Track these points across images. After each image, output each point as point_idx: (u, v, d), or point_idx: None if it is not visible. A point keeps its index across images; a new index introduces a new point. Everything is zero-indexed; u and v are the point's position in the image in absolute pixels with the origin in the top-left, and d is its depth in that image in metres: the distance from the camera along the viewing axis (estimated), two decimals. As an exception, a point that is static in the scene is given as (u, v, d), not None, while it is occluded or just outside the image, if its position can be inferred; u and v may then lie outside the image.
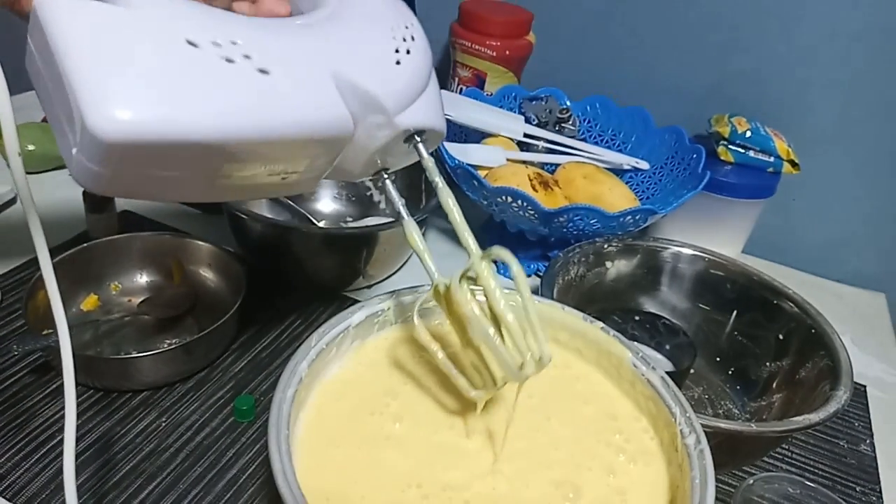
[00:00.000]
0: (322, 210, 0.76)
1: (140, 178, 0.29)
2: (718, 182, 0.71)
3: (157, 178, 0.29)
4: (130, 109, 0.26)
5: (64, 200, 0.72)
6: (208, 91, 0.28)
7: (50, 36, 0.26)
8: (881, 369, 0.68)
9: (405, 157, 0.39)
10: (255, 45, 0.30)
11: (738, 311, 0.59)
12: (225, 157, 0.30)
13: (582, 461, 0.37)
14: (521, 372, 0.34)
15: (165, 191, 0.31)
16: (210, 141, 0.28)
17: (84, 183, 0.28)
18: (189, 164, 0.29)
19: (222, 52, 0.29)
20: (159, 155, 0.28)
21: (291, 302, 0.64)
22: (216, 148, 0.29)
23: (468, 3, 0.82)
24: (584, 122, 0.82)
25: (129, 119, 0.26)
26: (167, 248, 0.62)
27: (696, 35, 0.79)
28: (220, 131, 0.28)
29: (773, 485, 0.43)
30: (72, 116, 0.26)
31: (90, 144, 0.26)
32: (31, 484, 0.44)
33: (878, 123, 0.75)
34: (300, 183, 0.35)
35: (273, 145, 0.31)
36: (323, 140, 0.33)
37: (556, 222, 0.64)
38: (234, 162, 0.30)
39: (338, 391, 0.39)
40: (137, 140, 0.26)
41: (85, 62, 0.26)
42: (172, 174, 0.30)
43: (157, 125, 0.26)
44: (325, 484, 0.34)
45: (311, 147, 0.33)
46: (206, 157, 0.29)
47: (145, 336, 0.57)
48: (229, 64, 0.29)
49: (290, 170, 0.34)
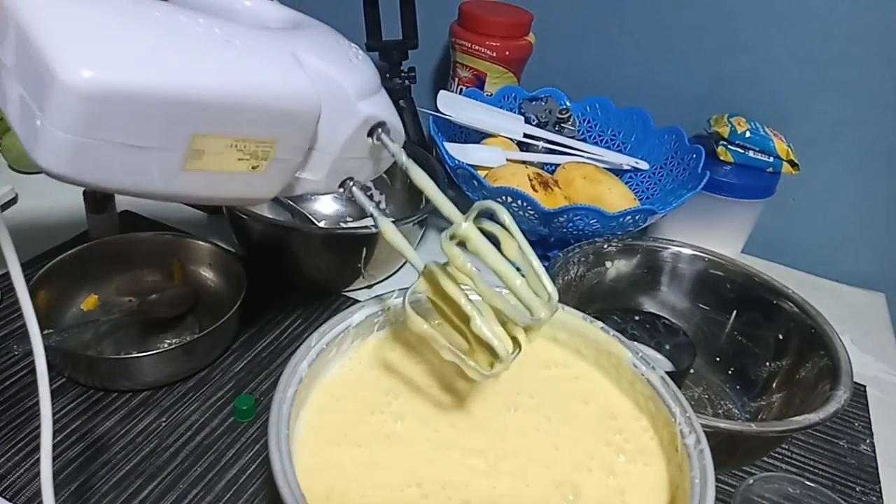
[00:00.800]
0: (322, 210, 0.76)
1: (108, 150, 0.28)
2: (718, 182, 0.72)
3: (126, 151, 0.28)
4: (102, 61, 0.26)
5: (64, 200, 0.72)
6: (179, 49, 0.29)
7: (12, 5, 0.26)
8: (880, 369, 0.68)
9: (369, 164, 0.40)
10: (220, 24, 0.31)
11: (738, 311, 0.59)
12: (193, 120, 0.29)
13: (581, 461, 0.37)
14: (535, 316, 0.34)
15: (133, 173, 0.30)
16: (179, 96, 0.28)
17: (48, 161, 0.27)
18: (158, 129, 0.29)
19: (187, 21, 0.30)
20: (128, 114, 0.27)
21: (291, 302, 0.64)
22: (185, 106, 0.29)
23: (468, 4, 0.82)
24: (583, 122, 0.82)
25: (101, 70, 0.26)
26: (168, 248, 0.62)
27: (695, 35, 0.79)
28: (190, 86, 0.28)
29: (773, 485, 0.43)
30: (38, 84, 0.26)
31: (62, 102, 0.26)
32: (31, 484, 0.44)
33: (876, 123, 0.75)
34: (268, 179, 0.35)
35: (240, 109, 0.31)
36: (290, 111, 0.33)
37: (555, 222, 0.64)
38: (203, 131, 0.30)
39: (338, 391, 0.39)
40: (109, 91, 0.26)
41: (53, 22, 0.26)
42: (141, 144, 0.29)
43: (129, 77, 0.27)
44: (325, 484, 0.34)
45: (279, 119, 0.33)
46: (174, 120, 0.29)
47: (145, 336, 0.57)
48: (196, 30, 0.30)
49: (260, 153, 0.33)
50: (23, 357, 0.53)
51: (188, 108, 0.29)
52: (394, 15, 0.80)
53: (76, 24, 0.27)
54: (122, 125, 0.27)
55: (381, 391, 0.40)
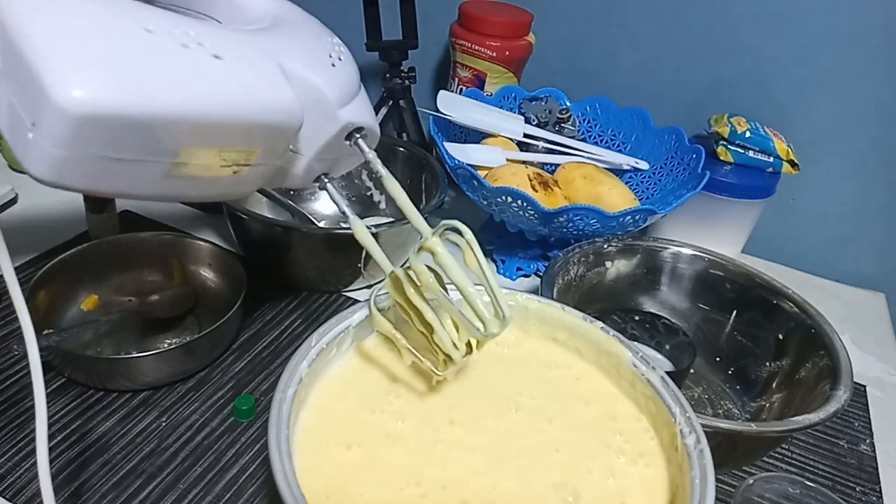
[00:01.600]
0: (322, 210, 0.76)
1: (97, 162, 0.28)
2: (718, 182, 0.72)
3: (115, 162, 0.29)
4: (95, 84, 0.26)
5: (65, 200, 0.72)
6: (168, 70, 0.29)
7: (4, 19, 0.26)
8: (881, 369, 0.68)
9: (344, 162, 0.42)
10: (207, 37, 0.31)
11: (738, 311, 0.59)
12: (182, 137, 0.30)
13: (582, 463, 0.37)
14: (487, 331, 0.37)
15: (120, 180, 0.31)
16: (170, 116, 0.29)
17: (39, 171, 0.27)
18: (148, 145, 0.29)
19: (177, 39, 0.30)
20: (120, 133, 0.28)
21: (291, 302, 0.64)
22: (175, 125, 0.29)
23: (468, 4, 0.82)
24: (583, 122, 0.82)
25: (93, 93, 0.26)
26: (168, 248, 0.62)
27: (694, 35, 0.80)
28: (181, 107, 0.29)
29: (773, 485, 0.43)
30: (30, 99, 0.26)
31: (54, 122, 0.26)
32: (31, 484, 0.44)
33: (876, 123, 0.75)
34: (248, 180, 0.36)
35: (229, 126, 0.31)
36: (275, 125, 0.34)
37: (555, 222, 0.64)
38: (191, 145, 0.31)
39: (338, 391, 0.39)
40: (102, 113, 0.26)
41: (46, 40, 0.26)
42: (130, 157, 0.29)
43: (121, 99, 0.27)
44: (325, 483, 0.34)
45: (264, 132, 0.34)
46: (164, 138, 0.29)
47: (145, 336, 0.57)
48: (184, 49, 0.30)
49: (242, 160, 0.34)
50: (23, 357, 0.53)
51: (178, 128, 0.29)
52: (394, 15, 0.80)
53: (68, 39, 0.27)
54: (113, 142, 0.28)
55: (382, 391, 0.40)
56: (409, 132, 0.85)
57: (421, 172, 0.73)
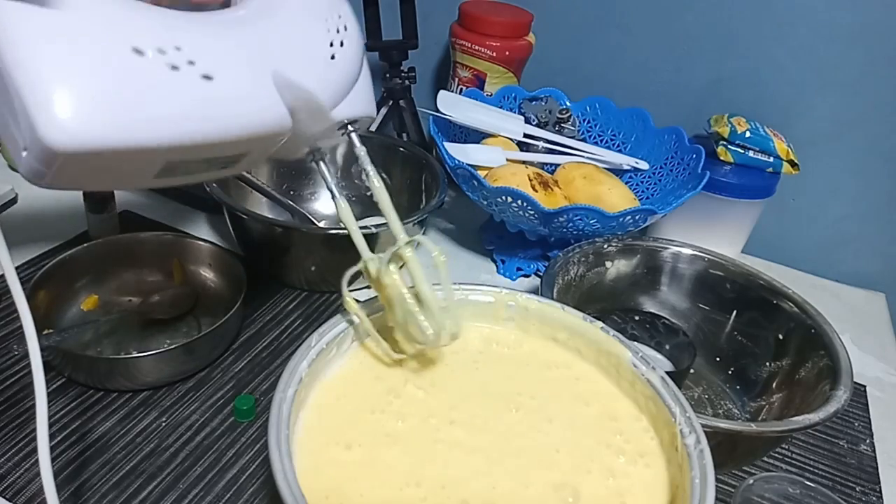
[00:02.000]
0: (322, 210, 0.76)
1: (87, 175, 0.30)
2: (718, 182, 0.72)
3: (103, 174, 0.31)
4: (80, 119, 0.26)
5: (64, 200, 0.72)
6: (155, 100, 0.29)
7: None
8: (881, 369, 0.68)
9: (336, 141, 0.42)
10: (198, 50, 0.31)
11: (738, 311, 0.59)
12: (170, 157, 0.31)
13: (582, 463, 0.37)
14: (436, 340, 0.39)
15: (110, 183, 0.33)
16: (157, 147, 0.29)
17: (33, 180, 0.29)
18: (135, 164, 0.30)
19: (167, 59, 0.29)
20: (107, 159, 0.28)
21: (291, 302, 0.64)
22: (162, 152, 0.30)
23: (468, 4, 0.82)
24: (583, 122, 0.82)
25: (78, 128, 0.26)
26: (168, 248, 0.62)
27: (694, 35, 0.80)
28: (167, 138, 0.29)
29: (773, 485, 0.43)
30: (22, 125, 0.27)
31: (40, 151, 0.26)
32: (31, 484, 0.44)
33: (876, 123, 0.75)
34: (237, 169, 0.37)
35: (216, 146, 0.32)
36: (264, 136, 0.34)
37: (555, 222, 0.64)
38: (178, 161, 0.32)
39: (338, 391, 0.39)
40: (87, 148, 0.27)
41: (33, 70, 0.26)
42: (118, 171, 0.31)
43: (107, 134, 0.27)
44: (325, 483, 0.34)
45: (251, 143, 0.34)
46: (151, 160, 0.30)
47: (145, 336, 0.57)
48: (174, 71, 0.29)
49: (231, 161, 0.35)
50: (23, 357, 0.53)
51: (167, 153, 0.30)
52: (394, 15, 0.80)
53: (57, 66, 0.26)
54: (102, 164, 0.29)
55: (382, 391, 0.40)
56: (409, 132, 0.85)
57: (421, 172, 0.73)
